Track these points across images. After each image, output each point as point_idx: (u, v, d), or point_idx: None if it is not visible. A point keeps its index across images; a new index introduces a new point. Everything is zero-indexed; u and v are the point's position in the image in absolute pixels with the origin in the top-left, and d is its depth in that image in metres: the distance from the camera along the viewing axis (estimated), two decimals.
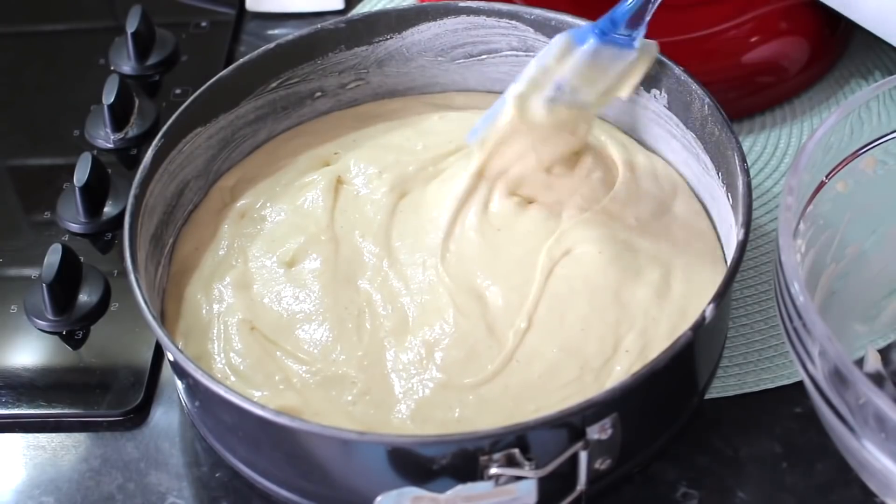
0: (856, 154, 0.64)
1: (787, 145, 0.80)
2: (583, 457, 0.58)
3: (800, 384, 0.66)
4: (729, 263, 0.61)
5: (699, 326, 0.58)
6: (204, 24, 0.92)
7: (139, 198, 0.66)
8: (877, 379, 0.64)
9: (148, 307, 0.61)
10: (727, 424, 0.66)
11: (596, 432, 0.57)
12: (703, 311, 0.58)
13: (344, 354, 0.64)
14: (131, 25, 0.86)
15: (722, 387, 0.67)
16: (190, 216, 0.72)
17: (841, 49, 0.85)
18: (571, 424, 0.57)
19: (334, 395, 0.63)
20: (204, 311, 0.67)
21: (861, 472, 0.59)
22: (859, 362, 0.65)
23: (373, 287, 0.67)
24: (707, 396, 0.66)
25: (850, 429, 0.55)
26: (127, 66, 0.88)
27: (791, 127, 0.81)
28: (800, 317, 0.55)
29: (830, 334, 0.54)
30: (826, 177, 0.63)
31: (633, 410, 0.58)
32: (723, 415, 0.66)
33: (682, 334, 0.57)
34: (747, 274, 0.73)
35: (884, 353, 0.65)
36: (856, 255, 0.65)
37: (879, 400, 0.52)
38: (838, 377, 0.54)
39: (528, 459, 0.56)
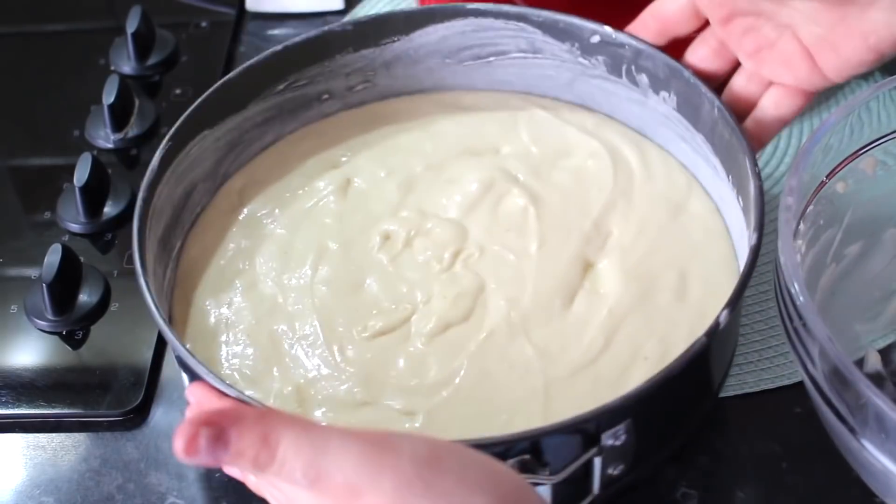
0: (856, 154, 0.64)
1: (787, 145, 0.80)
2: (597, 463, 0.57)
3: (800, 384, 0.66)
4: (742, 268, 0.60)
5: (713, 332, 0.57)
6: (204, 24, 0.92)
7: (147, 201, 0.65)
8: (877, 379, 0.64)
9: (158, 312, 0.60)
10: (727, 424, 0.66)
11: (610, 438, 0.56)
12: (718, 317, 0.57)
13: (353, 358, 0.64)
14: (131, 26, 0.86)
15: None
16: (197, 219, 0.72)
17: None
18: (586, 431, 0.56)
19: (345, 400, 0.62)
20: (212, 316, 0.67)
21: (861, 473, 0.59)
22: (859, 362, 0.64)
23: (380, 290, 0.67)
24: None
25: (850, 429, 0.55)
26: (127, 67, 0.88)
27: (791, 127, 0.81)
28: (800, 317, 0.55)
29: (830, 334, 0.54)
30: (826, 177, 0.63)
31: (648, 416, 0.58)
32: (723, 415, 0.66)
33: (696, 340, 0.56)
34: None
35: (884, 353, 0.65)
36: (856, 255, 0.65)
37: (879, 400, 0.52)
38: (838, 377, 0.54)
39: (543, 465, 0.55)
